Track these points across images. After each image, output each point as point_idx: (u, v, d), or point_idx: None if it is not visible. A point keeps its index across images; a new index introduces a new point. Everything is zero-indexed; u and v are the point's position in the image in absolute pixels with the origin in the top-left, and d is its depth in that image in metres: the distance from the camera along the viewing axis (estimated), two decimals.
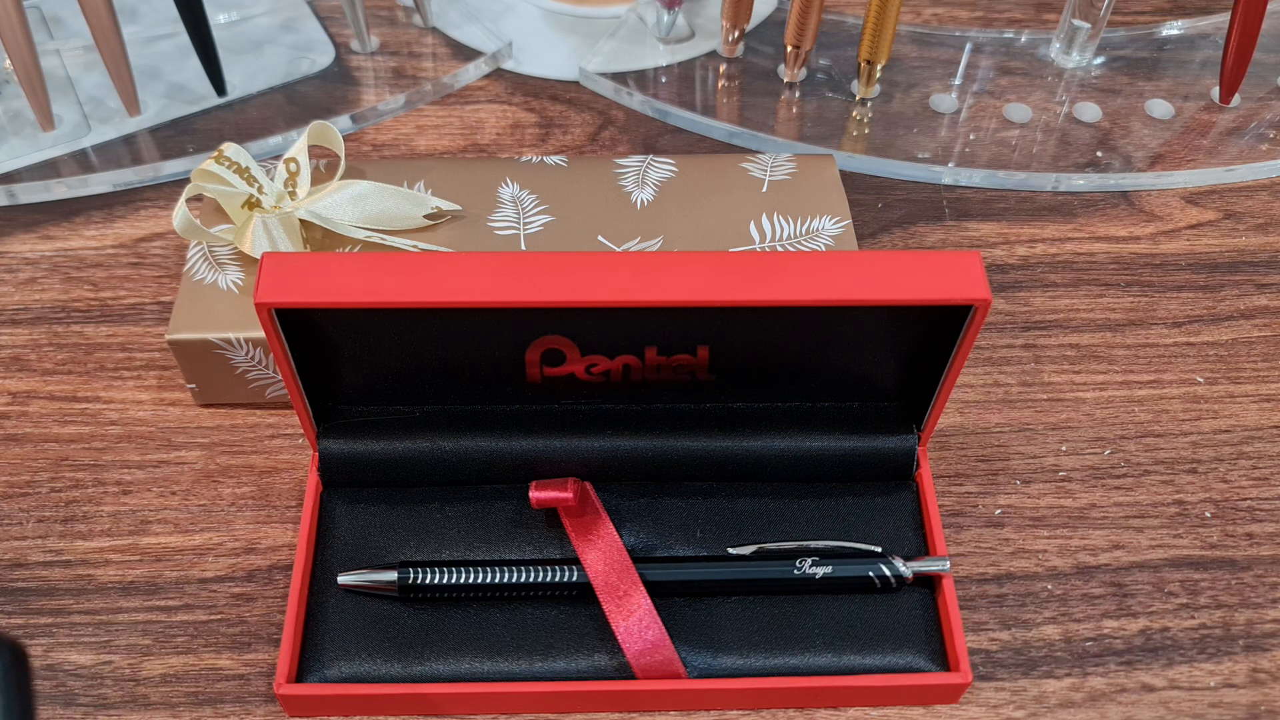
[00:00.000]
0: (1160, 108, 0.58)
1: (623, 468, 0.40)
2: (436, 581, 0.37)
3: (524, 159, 0.49)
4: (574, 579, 0.37)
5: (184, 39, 0.52)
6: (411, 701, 0.37)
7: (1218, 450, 0.45)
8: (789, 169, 0.49)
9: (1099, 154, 0.56)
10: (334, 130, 0.47)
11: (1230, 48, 0.55)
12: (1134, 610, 0.40)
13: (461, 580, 0.37)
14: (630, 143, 0.56)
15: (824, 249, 0.46)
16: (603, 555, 0.37)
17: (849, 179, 0.54)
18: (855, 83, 0.57)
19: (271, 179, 0.46)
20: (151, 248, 0.51)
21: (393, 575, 0.37)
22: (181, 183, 0.53)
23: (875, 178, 0.55)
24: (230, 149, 0.45)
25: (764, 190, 0.48)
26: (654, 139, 0.56)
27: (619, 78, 0.58)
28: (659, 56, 0.60)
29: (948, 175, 0.55)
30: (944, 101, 0.58)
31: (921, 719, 0.38)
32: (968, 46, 0.61)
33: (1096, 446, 0.45)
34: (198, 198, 0.47)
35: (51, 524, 0.42)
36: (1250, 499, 0.43)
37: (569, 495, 0.38)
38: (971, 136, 0.56)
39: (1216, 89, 0.58)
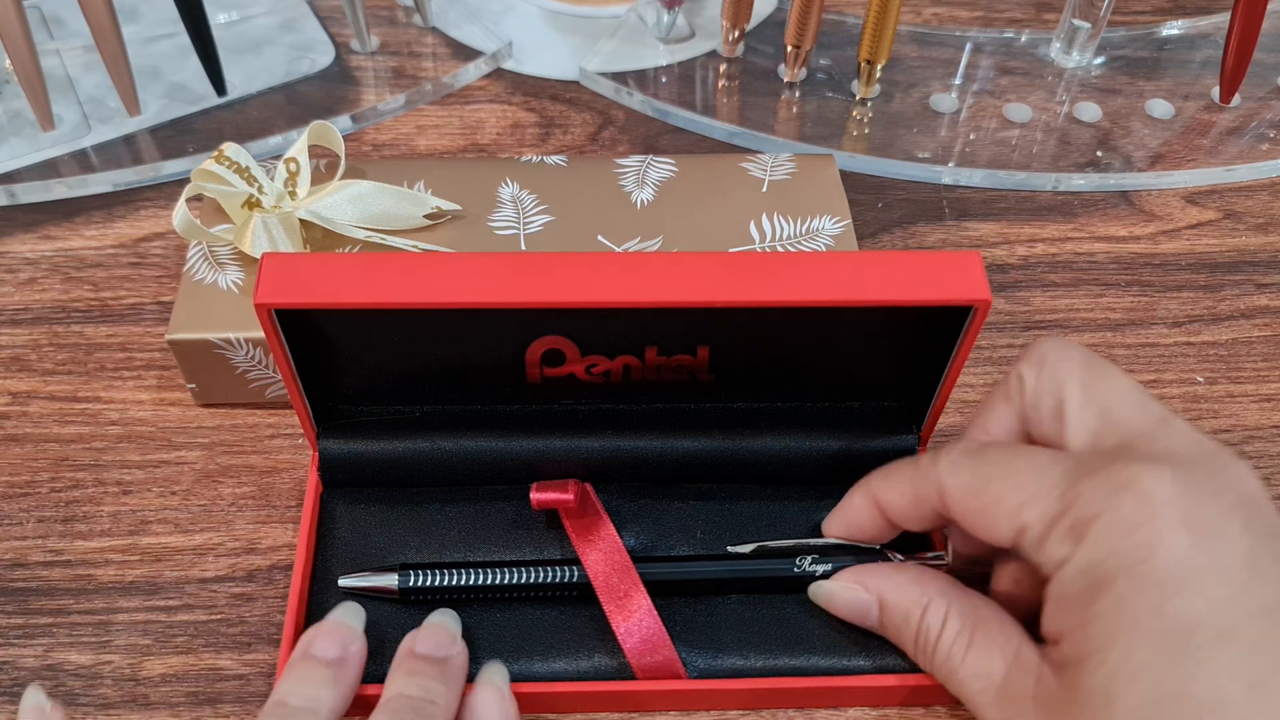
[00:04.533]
0: (1160, 107, 0.58)
1: (623, 468, 0.40)
2: (436, 584, 0.37)
3: (524, 159, 0.49)
4: (574, 579, 0.37)
5: (184, 39, 0.52)
6: None
7: None
8: (789, 169, 0.49)
9: (1099, 154, 0.56)
10: (334, 130, 0.47)
11: (1230, 48, 0.55)
12: None
13: (462, 582, 0.37)
14: (630, 143, 0.56)
15: (824, 249, 0.46)
16: (603, 556, 0.37)
17: (849, 179, 0.54)
18: (855, 82, 0.58)
19: (271, 179, 0.46)
20: (151, 248, 0.51)
21: (393, 578, 0.37)
22: (181, 183, 0.53)
23: (875, 178, 0.55)
24: (230, 149, 0.45)
25: (764, 190, 0.48)
26: (654, 139, 0.56)
27: (619, 78, 0.58)
28: (659, 56, 0.60)
29: (948, 175, 0.55)
30: (944, 101, 0.58)
31: (922, 719, 0.38)
32: (968, 46, 0.61)
33: None
34: (198, 198, 0.47)
35: (51, 524, 0.42)
36: None
37: (569, 496, 0.38)
38: (971, 136, 0.56)
39: (1216, 89, 0.58)
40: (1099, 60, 0.60)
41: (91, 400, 0.45)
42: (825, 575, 0.37)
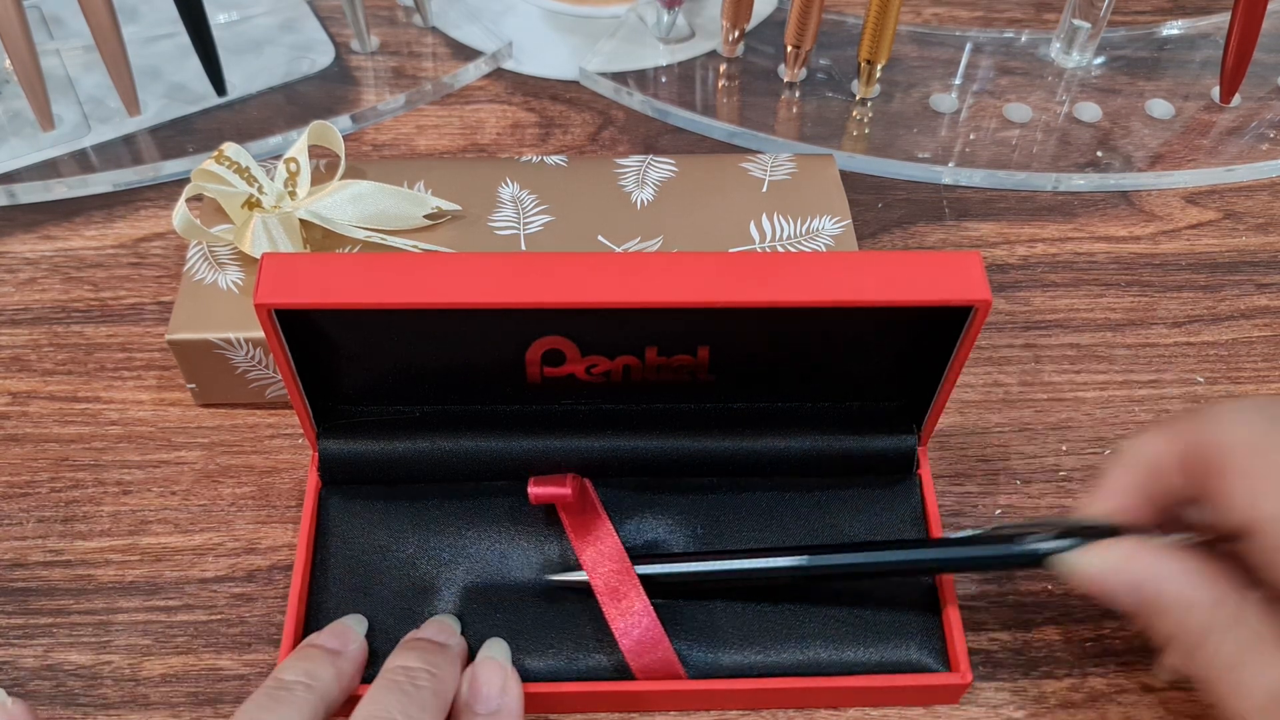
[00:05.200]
0: (1160, 108, 0.58)
1: (622, 468, 0.40)
2: (656, 574, 0.37)
3: (524, 159, 0.49)
4: (799, 564, 0.36)
5: (184, 39, 0.52)
6: None
7: None
8: (789, 169, 0.49)
9: (1099, 154, 0.55)
10: (334, 130, 0.47)
11: (1230, 48, 0.55)
12: None
13: (689, 570, 0.37)
14: (630, 143, 0.56)
15: (824, 249, 0.46)
16: (601, 555, 0.37)
17: (849, 179, 0.54)
18: (855, 82, 0.57)
19: (271, 179, 0.46)
20: (151, 248, 0.51)
21: None
22: (181, 183, 0.53)
23: (875, 178, 0.55)
24: (230, 149, 0.45)
25: (764, 190, 0.48)
26: (654, 139, 0.56)
27: (619, 77, 0.58)
28: (659, 56, 0.60)
29: (948, 175, 0.55)
30: (944, 101, 0.58)
31: (921, 719, 0.38)
32: (968, 46, 0.61)
33: (1097, 446, 0.45)
34: (198, 198, 0.47)
35: (51, 524, 0.42)
36: None
37: (567, 491, 0.38)
38: (971, 136, 0.56)
39: (1216, 89, 0.58)
40: (1099, 60, 0.60)
41: (91, 400, 0.45)
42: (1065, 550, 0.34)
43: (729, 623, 0.37)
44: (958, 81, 0.59)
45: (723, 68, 0.59)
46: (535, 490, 0.38)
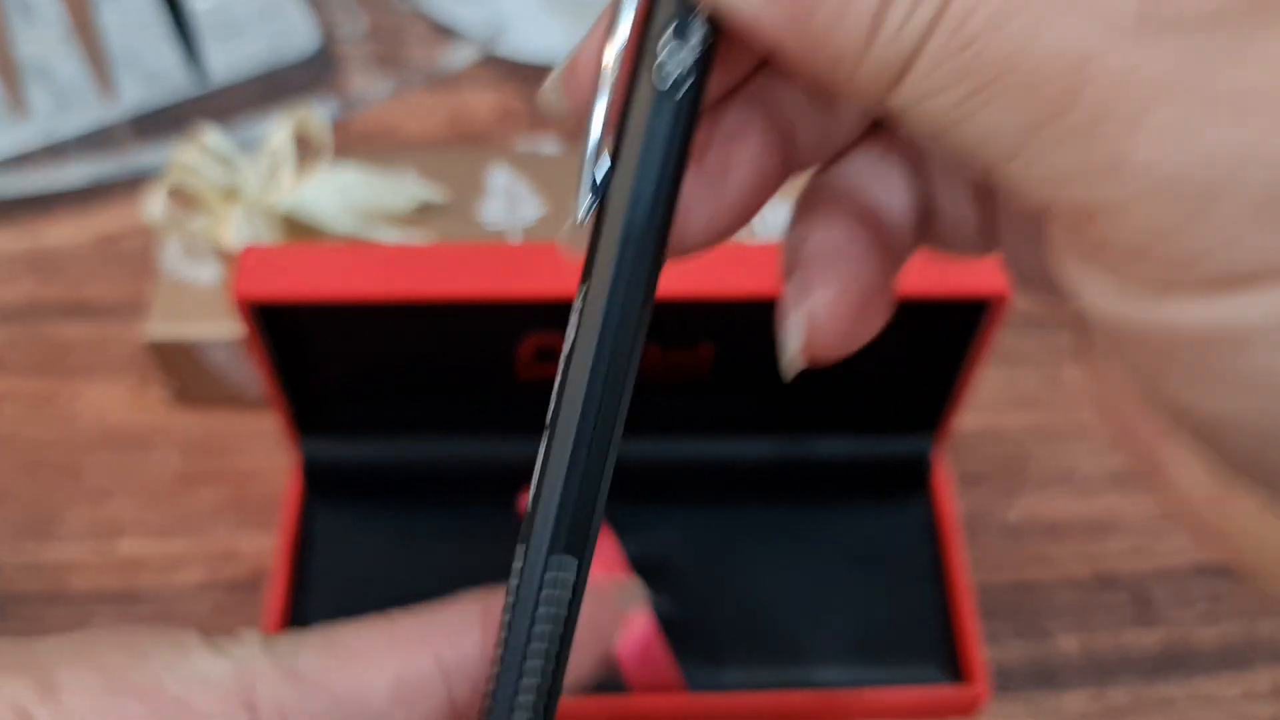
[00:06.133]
0: None
1: (620, 470, 0.39)
2: None
3: (516, 147, 0.48)
4: None
5: (163, 25, 0.51)
6: None
7: None
8: None
9: None
10: (319, 118, 0.46)
11: None
12: (1154, 620, 0.39)
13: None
14: None
15: None
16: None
17: None
18: None
19: (254, 169, 0.44)
20: (128, 242, 0.49)
21: None
22: (160, 175, 0.52)
23: None
24: (211, 139, 0.44)
25: None
26: None
27: None
28: None
29: None
30: None
31: None
32: None
33: (1117, 449, 0.43)
34: (177, 190, 0.45)
35: (24, 529, 0.41)
36: None
37: None
38: None
39: None
40: None
41: (66, 401, 0.44)
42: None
43: (733, 639, 0.37)
44: None
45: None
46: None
